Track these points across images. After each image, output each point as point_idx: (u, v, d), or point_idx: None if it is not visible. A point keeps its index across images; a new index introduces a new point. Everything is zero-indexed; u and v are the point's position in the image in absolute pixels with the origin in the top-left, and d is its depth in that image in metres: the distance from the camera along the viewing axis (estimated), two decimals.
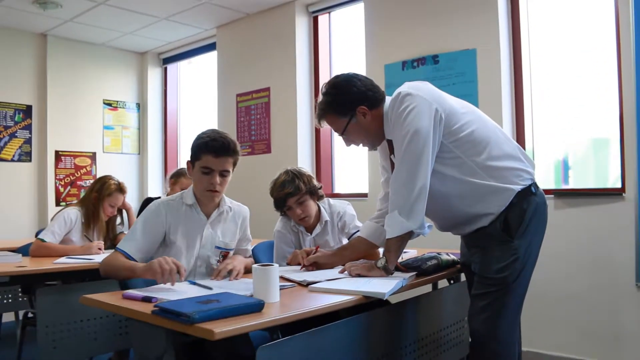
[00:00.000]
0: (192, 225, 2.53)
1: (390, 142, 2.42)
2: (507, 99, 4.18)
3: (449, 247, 2.96)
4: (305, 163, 5.33)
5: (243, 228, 2.74)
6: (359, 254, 2.58)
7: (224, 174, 2.49)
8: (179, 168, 4.67)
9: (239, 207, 2.73)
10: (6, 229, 5.91)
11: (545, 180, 4.28)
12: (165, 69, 7.36)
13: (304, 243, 3.02)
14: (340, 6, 5.37)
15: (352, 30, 5.50)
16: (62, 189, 6.52)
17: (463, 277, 2.89)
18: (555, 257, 3.74)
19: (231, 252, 2.65)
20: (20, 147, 6.31)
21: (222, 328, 1.50)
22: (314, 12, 5.51)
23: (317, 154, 5.45)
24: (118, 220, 4.04)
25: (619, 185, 3.76)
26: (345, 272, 2.35)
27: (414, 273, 2.38)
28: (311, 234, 3.03)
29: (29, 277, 3.17)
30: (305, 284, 2.15)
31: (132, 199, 6.93)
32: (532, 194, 2.29)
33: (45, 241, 3.54)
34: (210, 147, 2.41)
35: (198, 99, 7.30)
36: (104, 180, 3.87)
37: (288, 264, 2.79)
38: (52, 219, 3.76)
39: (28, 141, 6.38)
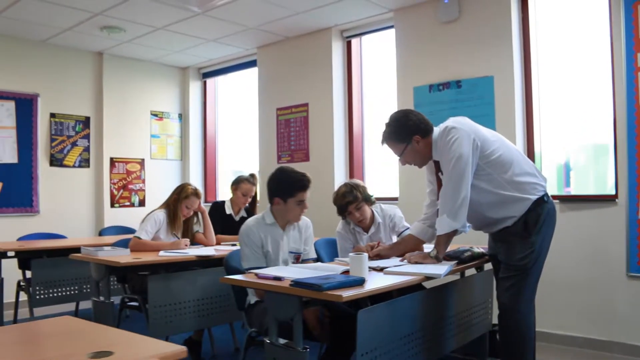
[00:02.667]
0: (275, 237, 3.31)
1: (436, 162, 3.18)
2: (520, 118, 4.92)
3: (476, 242, 3.69)
4: (340, 170, 6.10)
5: (307, 235, 3.50)
6: (410, 248, 3.35)
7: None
8: (237, 176, 5.32)
9: (303, 219, 3.49)
10: (69, 228, 6.62)
11: (550, 185, 5.03)
12: (205, 82, 8.11)
13: (360, 240, 3.80)
14: (372, 32, 6.12)
15: (380, 51, 6.28)
16: (115, 192, 7.28)
17: (487, 266, 3.66)
18: (559, 252, 4.45)
19: (301, 255, 3.42)
20: (80, 154, 7.07)
21: (347, 293, 2.26)
22: (347, 37, 6.27)
23: (350, 162, 6.21)
24: (194, 220, 4.76)
25: (614, 190, 4.50)
26: (405, 260, 3.12)
27: (455, 261, 3.14)
28: (367, 232, 3.80)
29: (128, 267, 3.88)
30: (379, 269, 2.91)
31: None
32: (544, 202, 3.06)
33: (141, 238, 4.29)
34: (304, 186, 3.22)
35: (234, 109, 8.06)
36: (183, 186, 4.60)
37: None
38: (143, 221, 4.48)
39: (87, 149, 7.14)
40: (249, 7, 5.59)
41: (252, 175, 5.26)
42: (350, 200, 3.68)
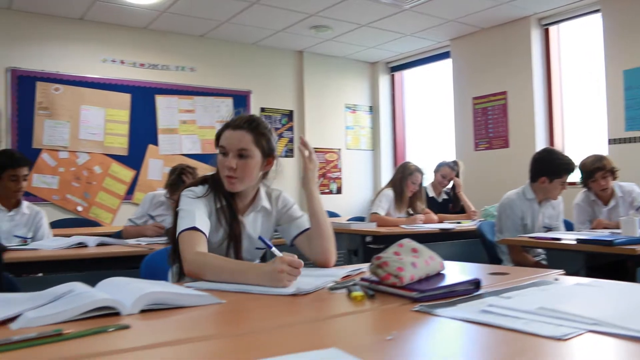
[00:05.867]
0: (533, 212, 3.67)
1: None
2: None
3: None
4: None
5: (559, 210, 3.82)
6: None
7: None
8: (440, 162, 5.75)
9: None
10: None
11: None
12: (393, 76, 8.54)
13: (599, 214, 4.00)
14: (573, 19, 6.21)
15: (578, 37, 6.35)
16: (317, 180, 7.87)
17: None
18: None
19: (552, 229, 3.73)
20: (286, 145, 7.76)
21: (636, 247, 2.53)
22: (545, 24, 6.41)
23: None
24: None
25: None
26: None
27: None
28: (607, 206, 4.00)
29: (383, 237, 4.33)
30: None
31: (367, 188, 8.22)
32: None
33: (379, 214, 4.76)
34: (572, 170, 3.58)
35: (422, 101, 8.42)
36: (406, 165, 5.01)
37: (592, 229, 3.80)
38: (375, 199, 4.95)
39: (291, 140, 7.82)
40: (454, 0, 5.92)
41: (455, 162, 5.64)
42: (599, 167, 3.91)
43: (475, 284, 1.47)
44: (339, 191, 8.08)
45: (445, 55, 7.56)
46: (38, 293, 1.36)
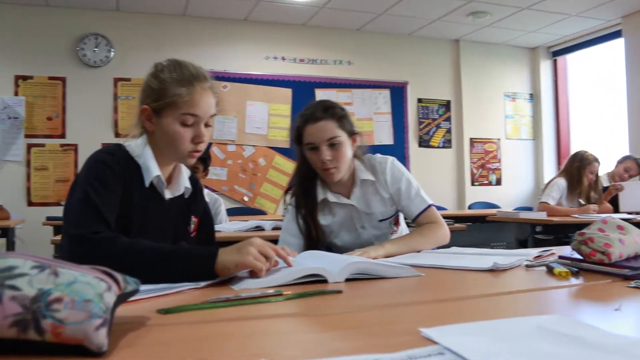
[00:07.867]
0: None
1: None
2: None
3: None
4: None
5: None
6: None
7: None
8: (629, 154, 5.46)
9: None
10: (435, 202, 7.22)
11: None
12: (555, 61, 8.12)
13: None
14: None
15: None
16: (475, 171, 7.70)
17: None
18: None
19: None
20: (443, 135, 7.65)
21: None
22: None
23: None
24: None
25: None
26: None
27: None
28: None
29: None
30: None
31: (528, 179, 7.90)
32: None
33: (549, 204, 4.56)
34: None
35: (589, 86, 7.91)
36: (583, 154, 4.76)
37: None
38: (545, 188, 4.77)
39: (449, 131, 7.69)
40: None
41: None
42: None
43: None
44: (498, 182, 7.83)
45: (615, 35, 7.06)
46: None
